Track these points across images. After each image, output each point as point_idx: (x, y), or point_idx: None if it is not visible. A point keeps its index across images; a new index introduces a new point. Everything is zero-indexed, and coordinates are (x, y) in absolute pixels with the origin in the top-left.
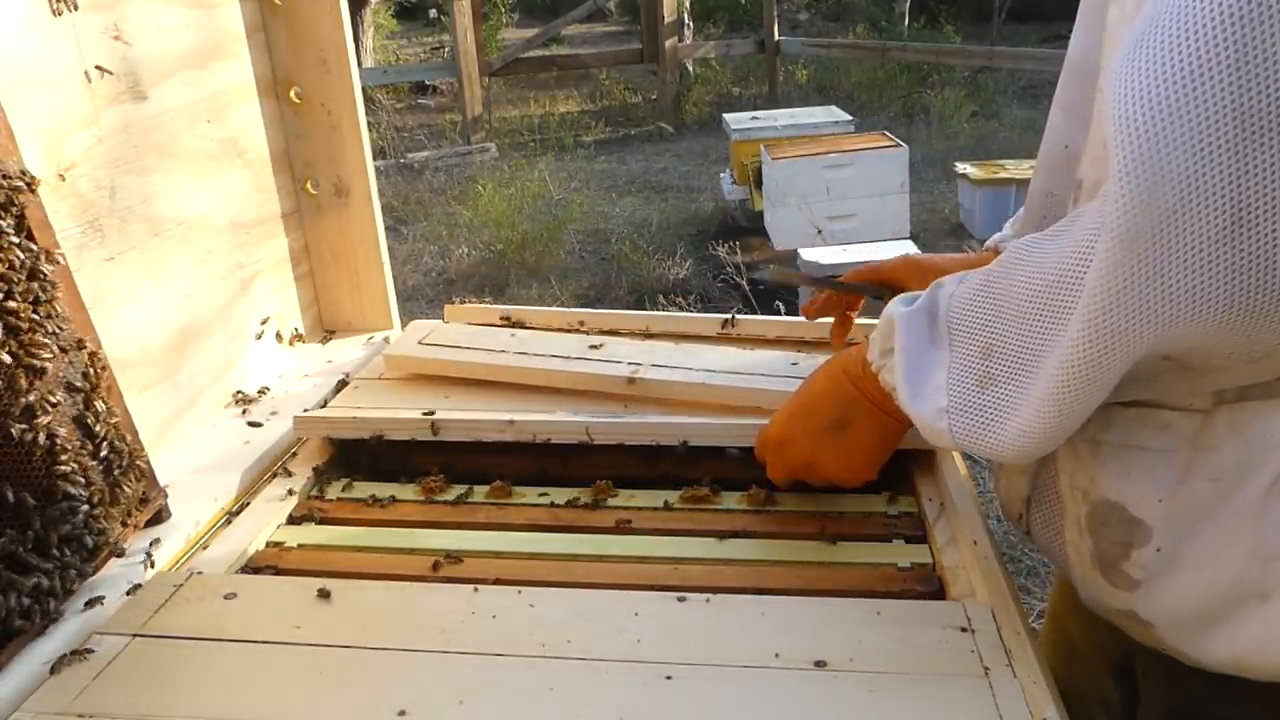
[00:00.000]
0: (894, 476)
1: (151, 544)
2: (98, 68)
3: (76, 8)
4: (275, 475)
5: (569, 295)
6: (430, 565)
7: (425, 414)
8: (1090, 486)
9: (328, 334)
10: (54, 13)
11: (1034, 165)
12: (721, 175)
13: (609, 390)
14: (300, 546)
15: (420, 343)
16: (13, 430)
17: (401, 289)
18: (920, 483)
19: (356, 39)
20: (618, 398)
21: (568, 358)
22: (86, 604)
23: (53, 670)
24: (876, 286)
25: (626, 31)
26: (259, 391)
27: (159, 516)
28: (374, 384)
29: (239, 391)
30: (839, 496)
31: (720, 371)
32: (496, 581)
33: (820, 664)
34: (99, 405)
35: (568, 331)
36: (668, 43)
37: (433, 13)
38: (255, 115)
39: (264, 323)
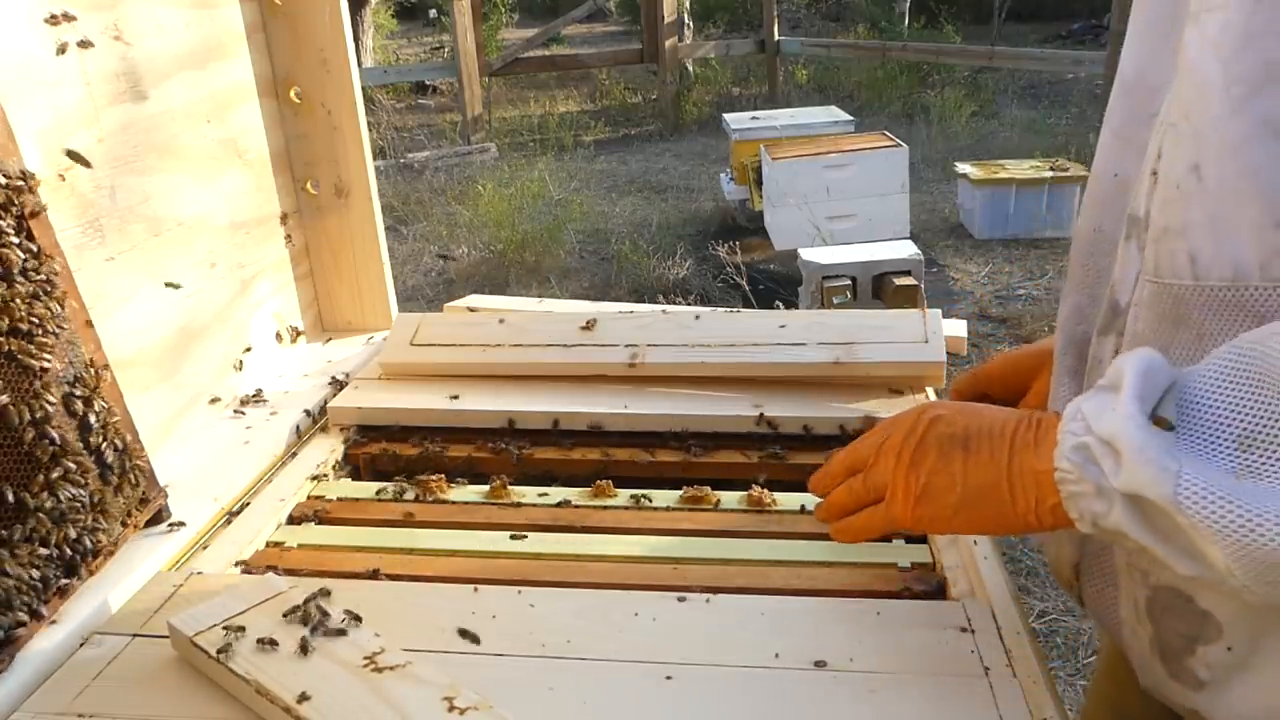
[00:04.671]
0: None
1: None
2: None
3: (73, 18)
4: (275, 475)
5: (569, 295)
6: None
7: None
8: (1151, 568)
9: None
10: (50, 22)
11: (1035, 165)
12: (721, 175)
13: (611, 374)
14: (300, 546)
15: (413, 344)
16: (12, 430)
17: (401, 289)
18: None
19: (356, 39)
20: (620, 380)
21: (565, 345)
22: None
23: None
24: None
25: (626, 31)
26: (258, 392)
27: (159, 516)
28: (373, 384)
29: (239, 391)
30: None
31: (716, 346)
32: (496, 581)
33: (820, 664)
34: (99, 405)
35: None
36: (668, 43)
37: (433, 13)
38: (255, 115)
39: (264, 323)
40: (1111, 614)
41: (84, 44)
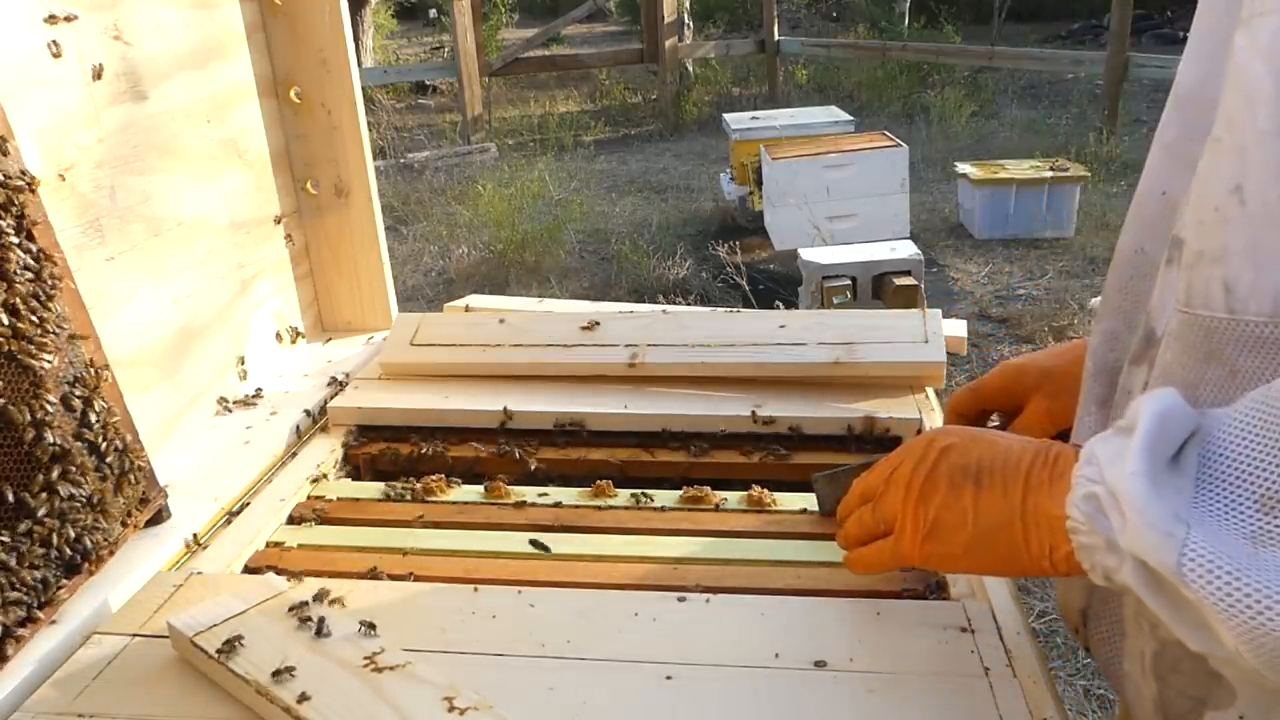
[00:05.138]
0: None
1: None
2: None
3: (73, 17)
4: (275, 475)
5: (569, 295)
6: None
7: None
8: (1161, 622)
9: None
10: (50, 21)
11: (1035, 165)
12: (721, 175)
13: (611, 374)
14: (300, 546)
15: (413, 344)
16: (13, 430)
17: (401, 289)
18: None
19: (356, 39)
20: (619, 380)
21: (565, 345)
22: None
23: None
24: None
25: (626, 31)
26: (258, 392)
27: (159, 516)
28: (373, 384)
29: (239, 391)
30: None
31: (716, 346)
32: (496, 581)
33: (820, 664)
34: (99, 405)
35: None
36: (668, 43)
37: (433, 13)
38: (255, 115)
39: (264, 323)
40: (1116, 666)
41: (84, 44)
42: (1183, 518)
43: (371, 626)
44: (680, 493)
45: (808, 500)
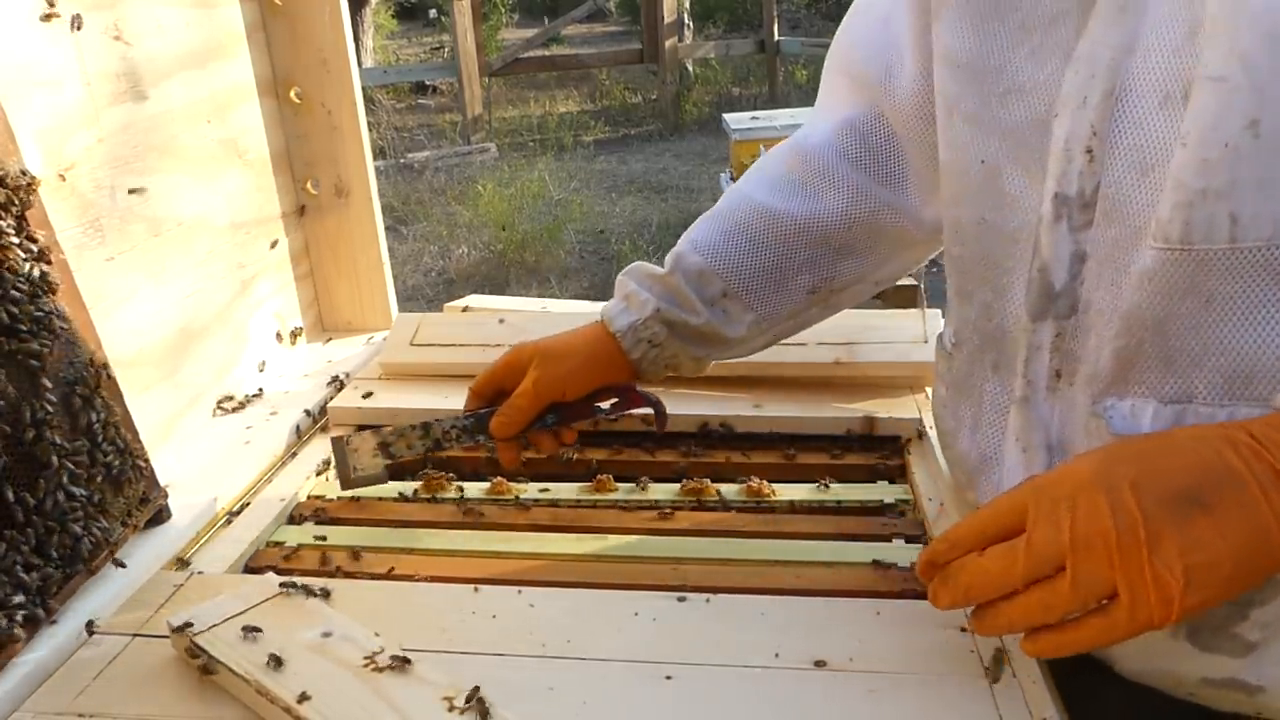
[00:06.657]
0: (893, 475)
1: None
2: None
3: (81, 27)
4: (275, 475)
5: (569, 295)
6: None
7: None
8: None
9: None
10: (73, 27)
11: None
12: (721, 175)
13: None
14: (300, 546)
15: (413, 344)
16: (13, 430)
17: (401, 289)
18: (919, 483)
19: (356, 39)
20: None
21: None
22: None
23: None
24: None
25: (626, 31)
26: (259, 392)
27: (159, 516)
28: (373, 384)
29: (239, 391)
30: (838, 493)
31: None
32: (496, 581)
33: (820, 664)
34: (99, 405)
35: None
36: (668, 43)
37: (433, 13)
38: (255, 115)
39: (264, 323)
40: None
41: (83, 43)
42: None
43: (372, 629)
44: (680, 484)
45: (807, 492)
